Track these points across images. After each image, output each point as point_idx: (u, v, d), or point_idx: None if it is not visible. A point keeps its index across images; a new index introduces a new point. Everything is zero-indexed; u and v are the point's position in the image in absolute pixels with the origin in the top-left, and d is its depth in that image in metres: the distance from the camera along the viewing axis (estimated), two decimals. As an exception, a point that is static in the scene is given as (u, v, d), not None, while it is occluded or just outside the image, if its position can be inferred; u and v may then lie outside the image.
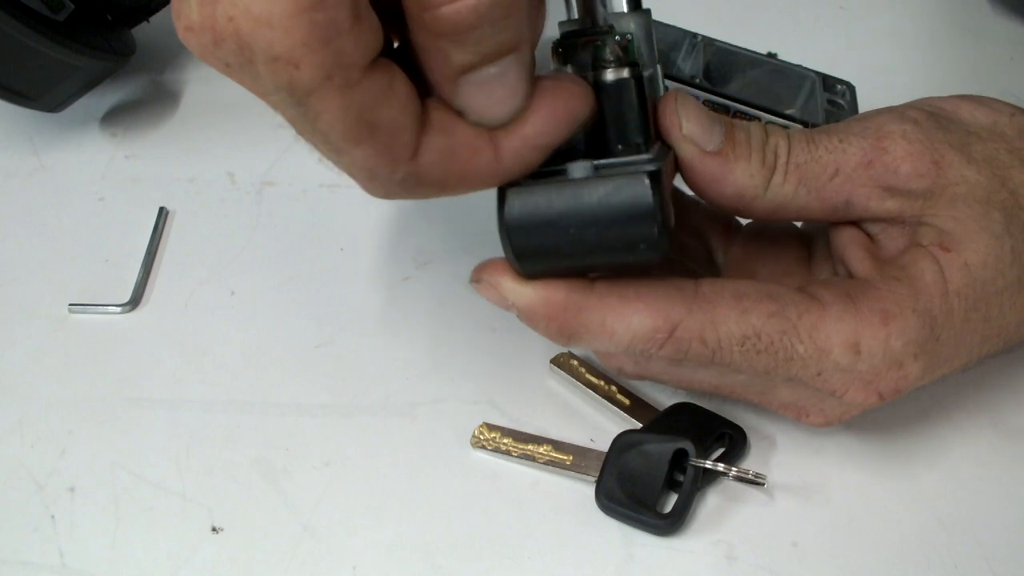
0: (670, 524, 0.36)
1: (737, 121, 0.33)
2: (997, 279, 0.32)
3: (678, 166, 0.33)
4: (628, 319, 0.31)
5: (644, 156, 0.30)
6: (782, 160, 0.32)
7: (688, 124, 0.32)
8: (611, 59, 0.31)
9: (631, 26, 0.33)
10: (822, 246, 0.37)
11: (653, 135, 0.32)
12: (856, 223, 0.35)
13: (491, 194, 0.34)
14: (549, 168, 0.31)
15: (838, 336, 0.31)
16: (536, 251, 0.31)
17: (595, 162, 0.30)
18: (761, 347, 0.32)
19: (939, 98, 0.36)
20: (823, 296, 0.32)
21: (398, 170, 0.28)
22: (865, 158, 0.32)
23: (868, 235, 0.34)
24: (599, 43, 0.31)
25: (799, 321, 0.32)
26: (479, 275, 0.32)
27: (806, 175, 0.33)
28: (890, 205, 0.33)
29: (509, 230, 0.30)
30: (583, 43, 0.32)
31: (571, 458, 0.38)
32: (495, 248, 0.32)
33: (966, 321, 0.32)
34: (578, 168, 0.30)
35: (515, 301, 0.32)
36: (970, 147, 0.33)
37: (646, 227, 0.30)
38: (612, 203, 0.29)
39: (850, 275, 0.34)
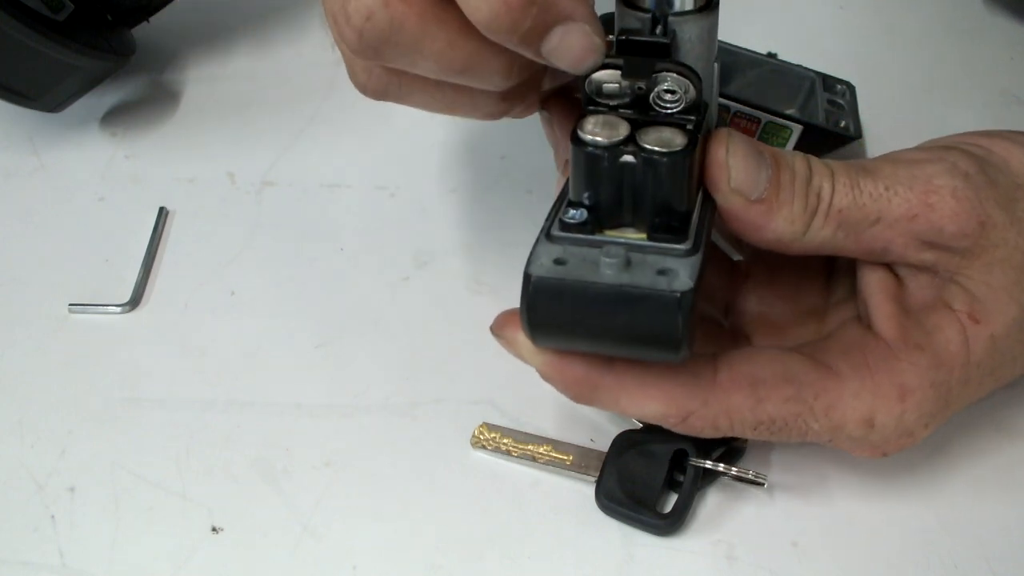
0: (670, 524, 0.36)
1: (780, 156, 0.32)
2: (1015, 347, 0.33)
3: (718, 210, 0.32)
4: (641, 404, 0.31)
5: (681, 247, 0.29)
6: (824, 204, 0.31)
7: (736, 176, 0.31)
8: (666, 138, 0.30)
9: (695, 31, 0.31)
10: (844, 263, 0.36)
11: (696, 191, 0.31)
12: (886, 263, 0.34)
13: (494, 194, 0.34)
14: (583, 236, 0.30)
15: (854, 413, 0.32)
16: (553, 335, 0.30)
17: (629, 243, 0.30)
18: (775, 429, 0.32)
19: (989, 136, 0.34)
20: (841, 368, 0.32)
21: None
22: (910, 211, 0.31)
23: (896, 275, 0.34)
24: (660, 101, 0.30)
25: (815, 402, 0.32)
26: (500, 330, 0.33)
27: (847, 220, 0.31)
28: (927, 256, 0.32)
29: (529, 313, 0.30)
30: (643, 63, 0.30)
31: (571, 458, 0.38)
32: (495, 249, 0.32)
33: (980, 386, 0.33)
34: (609, 263, 0.29)
35: (531, 363, 0.32)
36: (1015, 204, 0.32)
37: (669, 345, 0.29)
38: (637, 316, 0.29)
39: (870, 319, 0.33)
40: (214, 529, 0.37)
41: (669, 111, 0.31)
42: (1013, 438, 0.38)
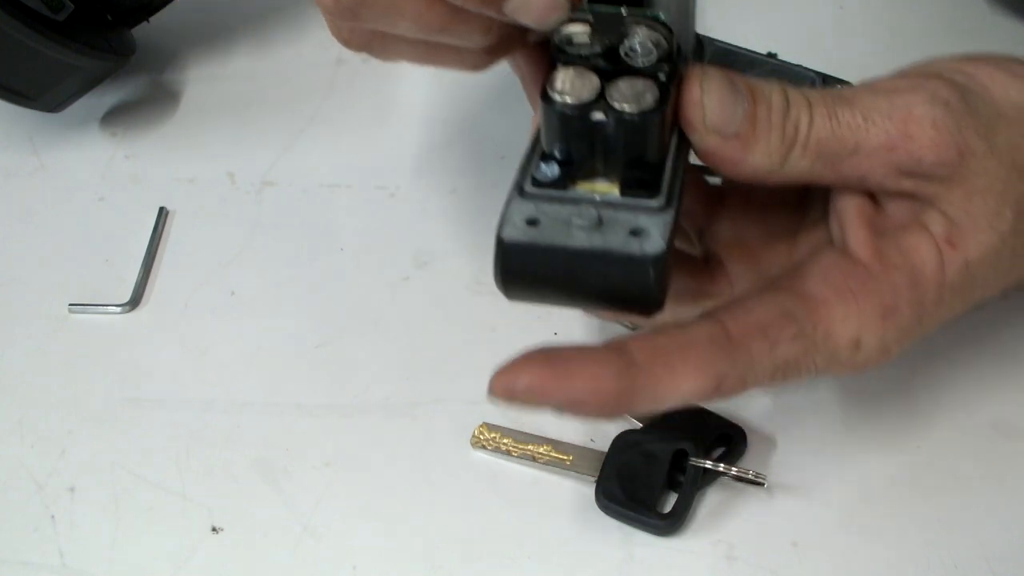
0: (670, 524, 0.36)
1: (757, 88, 0.31)
2: (989, 274, 0.33)
3: (692, 146, 0.32)
4: (679, 386, 0.30)
5: (654, 203, 0.29)
6: (802, 135, 0.31)
7: (711, 114, 0.31)
8: (637, 92, 0.29)
9: None
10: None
11: (670, 136, 0.31)
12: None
13: (494, 194, 0.34)
14: (555, 193, 0.30)
15: (844, 337, 0.32)
16: (526, 295, 0.30)
17: (601, 200, 0.29)
18: (788, 372, 0.32)
19: (974, 62, 0.34)
20: (826, 295, 0.32)
21: None
22: (889, 142, 0.31)
23: (873, 199, 0.33)
24: (631, 53, 0.30)
25: (815, 333, 0.32)
26: (513, 393, 0.29)
27: (824, 151, 0.31)
28: (905, 184, 0.32)
29: (503, 275, 0.30)
30: (613, 17, 0.30)
31: (571, 458, 0.38)
32: (495, 249, 0.32)
33: (951, 308, 0.33)
34: (581, 224, 0.29)
35: (561, 402, 0.29)
36: (995, 133, 0.32)
37: (643, 304, 0.29)
38: (610, 278, 0.29)
39: (845, 243, 0.33)
40: (214, 529, 0.37)
41: (640, 64, 0.30)
42: (1013, 438, 0.38)
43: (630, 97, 0.29)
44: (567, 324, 0.42)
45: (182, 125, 0.52)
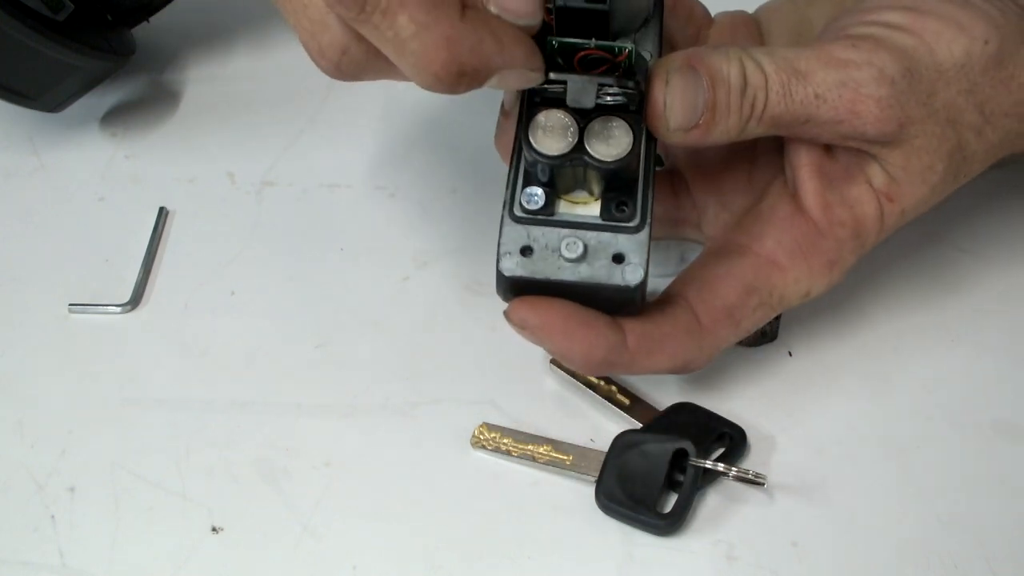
0: (670, 524, 0.36)
1: (715, 71, 0.33)
2: (921, 211, 0.36)
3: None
4: (652, 367, 0.34)
5: (631, 224, 0.32)
6: (758, 111, 0.33)
7: (675, 120, 0.33)
8: (612, 136, 0.32)
9: None
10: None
11: (642, 137, 0.33)
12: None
13: (494, 194, 0.34)
14: (543, 218, 0.32)
15: (796, 293, 0.36)
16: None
17: (584, 223, 0.32)
18: (747, 333, 0.36)
19: (924, 17, 0.35)
20: (780, 259, 0.35)
21: None
22: (837, 117, 0.33)
23: (824, 144, 0.36)
24: (604, 97, 0.32)
25: (772, 299, 0.35)
26: (524, 324, 0.33)
27: (779, 123, 0.34)
28: (851, 143, 0.35)
29: (506, 301, 0.33)
30: (586, 86, 0.32)
31: (571, 458, 0.38)
32: (495, 249, 0.32)
33: (882, 242, 0.37)
34: (569, 256, 0.32)
35: (555, 350, 0.34)
36: (935, 96, 0.34)
37: (628, 314, 0.34)
38: (599, 301, 0.33)
39: (796, 188, 0.36)
40: (214, 529, 0.37)
41: (612, 103, 0.32)
42: (1012, 438, 0.38)
43: (605, 139, 0.32)
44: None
45: (182, 125, 0.52)
